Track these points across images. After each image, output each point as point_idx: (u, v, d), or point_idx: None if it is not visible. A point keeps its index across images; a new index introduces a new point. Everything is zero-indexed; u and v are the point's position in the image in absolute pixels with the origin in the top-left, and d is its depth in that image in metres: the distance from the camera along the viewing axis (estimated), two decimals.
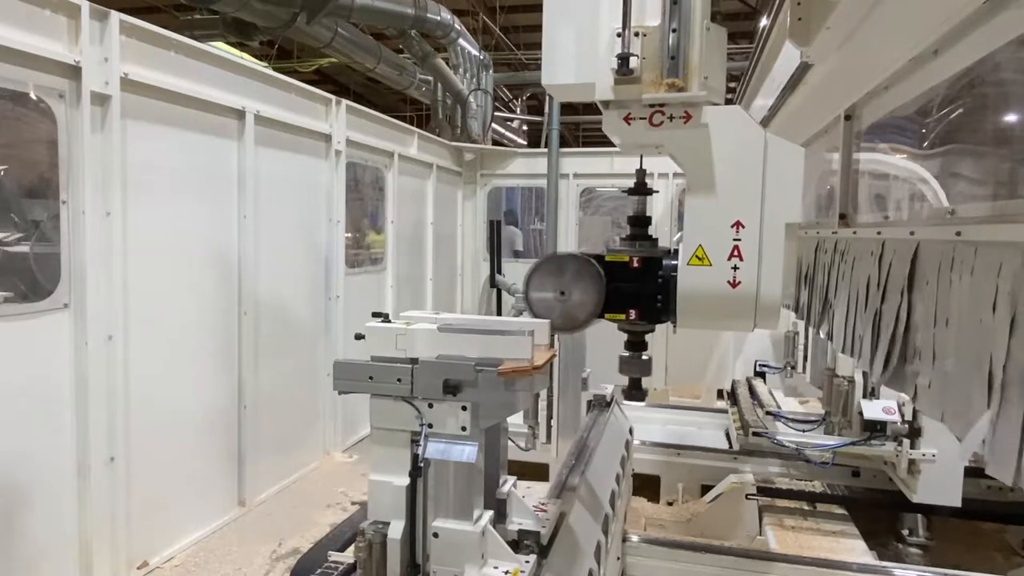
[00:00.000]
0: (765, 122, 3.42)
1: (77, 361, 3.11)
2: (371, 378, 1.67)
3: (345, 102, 5.31)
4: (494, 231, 7.86)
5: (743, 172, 1.64)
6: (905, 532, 3.65)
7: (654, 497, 4.40)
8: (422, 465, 1.58)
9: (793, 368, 5.38)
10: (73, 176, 3.07)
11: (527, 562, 1.67)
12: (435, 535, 1.62)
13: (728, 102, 1.77)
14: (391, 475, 1.66)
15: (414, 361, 1.64)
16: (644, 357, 2.03)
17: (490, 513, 1.70)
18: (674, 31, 1.57)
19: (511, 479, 1.89)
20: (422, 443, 1.58)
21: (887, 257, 1.90)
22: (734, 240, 1.62)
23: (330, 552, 1.82)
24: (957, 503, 3.30)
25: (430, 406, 1.62)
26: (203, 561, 3.65)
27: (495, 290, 7.94)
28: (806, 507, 3.68)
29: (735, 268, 1.63)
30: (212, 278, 4.02)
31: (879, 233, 2.02)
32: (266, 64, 6.50)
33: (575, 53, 1.74)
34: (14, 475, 2.87)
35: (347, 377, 1.69)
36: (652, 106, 1.66)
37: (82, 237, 3.09)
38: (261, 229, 4.35)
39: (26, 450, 2.92)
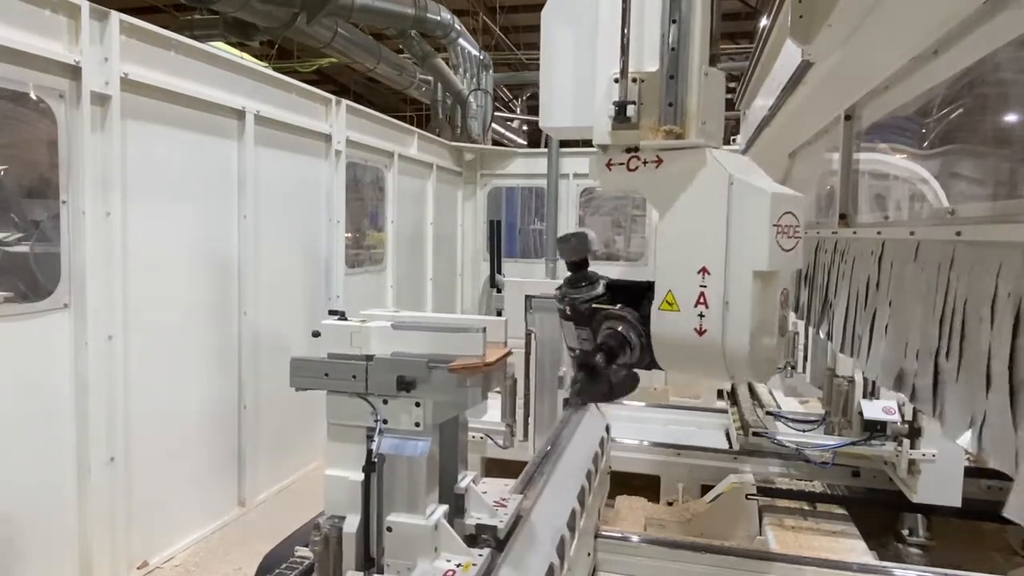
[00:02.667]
0: (765, 122, 3.42)
1: (77, 361, 3.11)
2: (327, 375, 1.69)
3: (345, 102, 5.31)
4: (494, 231, 7.86)
5: (707, 217, 1.58)
6: (905, 532, 3.65)
7: (654, 497, 4.40)
8: (376, 460, 1.60)
9: (793, 368, 5.38)
10: (73, 176, 3.07)
11: (480, 555, 1.70)
12: (389, 529, 1.65)
13: (728, 102, 1.77)
14: (346, 470, 1.69)
15: (369, 358, 1.66)
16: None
17: (444, 507, 1.74)
18: (672, 78, 1.56)
19: (471, 474, 1.92)
20: (376, 439, 1.60)
21: (887, 257, 1.90)
22: (700, 286, 1.57)
23: (296, 547, 1.85)
24: (957, 503, 3.30)
25: (384, 402, 1.65)
26: (203, 561, 3.65)
27: (495, 290, 7.94)
28: (806, 507, 3.68)
29: (701, 316, 1.57)
30: (212, 278, 4.02)
31: (879, 233, 2.02)
32: (266, 64, 6.51)
33: (572, 98, 1.75)
34: (14, 475, 2.87)
35: (303, 374, 1.72)
36: (628, 151, 1.66)
37: (82, 237, 3.09)
38: (261, 229, 4.35)
39: (26, 450, 2.92)
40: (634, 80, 1.60)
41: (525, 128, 12.65)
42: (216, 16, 5.83)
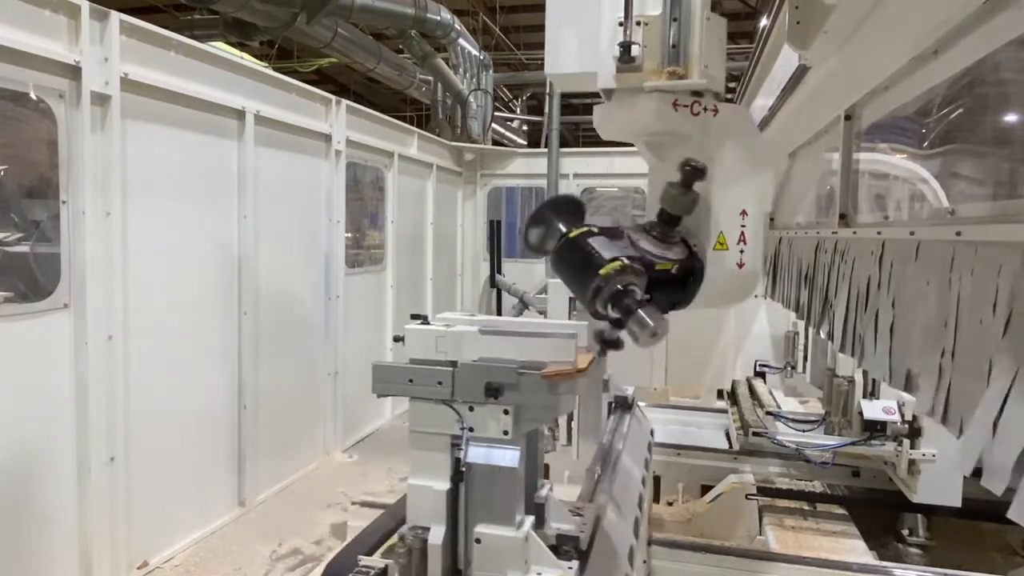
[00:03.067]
0: (765, 122, 3.42)
1: (77, 361, 3.11)
2: (411, 381, 1.63)
3: (345, 102, 5.31)
4: (494, 231, 7.86)
5: (747, 167, 1.78)
6: (905, 532, 3.65)
7: (654, 497, 4.40)
8: (463, 469, 1.55)
9: (793, 368, 5.39)
10: (73, 176, 3.07)
11: (570, 568, 1.65)
12: (478, 541, 1.57)
13: (729, 102, 1.80)
14: (430, 479, 1.60)
15: (454, 364, 1.61)
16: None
17: (531, 518, 1.66)
18: (675, 20, 1.63)
19: (547, 483, 1.86)
20: (463, 447, 1.55)
21: (887, 257, 1.90)
22: (741, 227, 1.78)
23: (359, 557, 1.79)
24: (957, 503, 3.30)
25: (471, 409, 1.58)
26: (203, 561, 3.65)
27: (495, 290, 7.94)
28: (806, 507, 3.68)
29: (741, 251, 1.79)
30: (212, 278, 4.02)
31: (879, 233, 2.02)
32: (266, 64, 6.51)
33: (577, 43, 1.81)
34: (14, 475, 2.87)
35: (386, 380, 1.65)
36: (694, 94, 1.74)
37: (82, 237, 3.09)
38: (261, 229, 4.35)
39: (26, 450, 2.92)
40: (638, 23, 1.67)
41: (525, 128, 12.65)
42: (216, 16, 5.83)
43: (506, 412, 1.56)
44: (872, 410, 3.54)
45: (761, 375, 5.76)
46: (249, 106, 4.20)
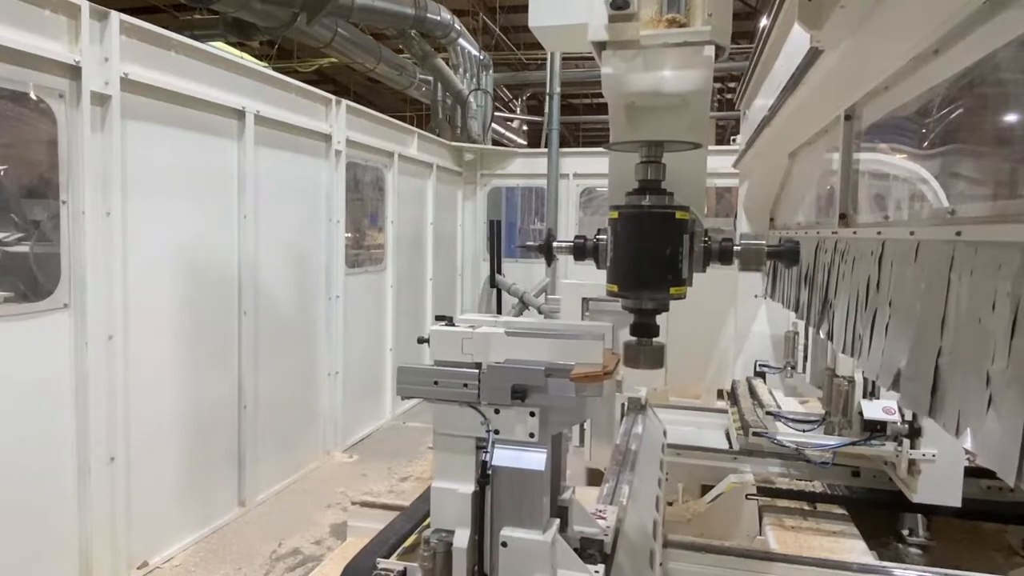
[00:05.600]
0: (765, 122, 3.42)
1: (77, 361, 3.11)
2: (436, 383, 1.61)
3: (345, 102, 5.31)
4: (494, 231, 7.86)
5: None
6: (905, 532, 3.65)
7: None
8: (489, 472, 1.54)
9: (793, 368, 5.38)
10: (73, 176, 3.07)
11: (596, 572, 1.64)
12: (504, 544, 1.55)
13: (729, 102, 1.77)
14: (455, 482, 1.57)
15: (479, 365, 1.59)
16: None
17: (557, 521, 1.63)
18: None
19: (571, 486, 1.84)
20: (489, 450, 1.53)
21: (887, 257, 1.90)
22: None
23: (378, 560, 1.77)
24: (957, 503, 3.30)
25: (496, 412, 1.56)
26: (203, 561, 3.65)
27: (495, 290, 7.94)
28: (806, 507, 3.68)
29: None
30: (212, 278, 4.02)
31: (879, 233, 2.02)
32: (266, 64, 6.50)
33: None
34: (14, 475, 2.87)
35: (411, 382, 1.62)
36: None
37: (82, 237, 3.09)
38: (261, 229, 4.35)
39: (26, 450, 2.92)
40: None
41: (525, 128, 12.65)
42: (216, 16, 5.84)
43: (532, 414, 1.53)
44: (872, 410, 3.54)
45: (761, 375, 5.75)
46: (249, 106, 4.20)
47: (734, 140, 7.74)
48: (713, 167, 2.20)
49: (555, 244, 1.86)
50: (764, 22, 3.01)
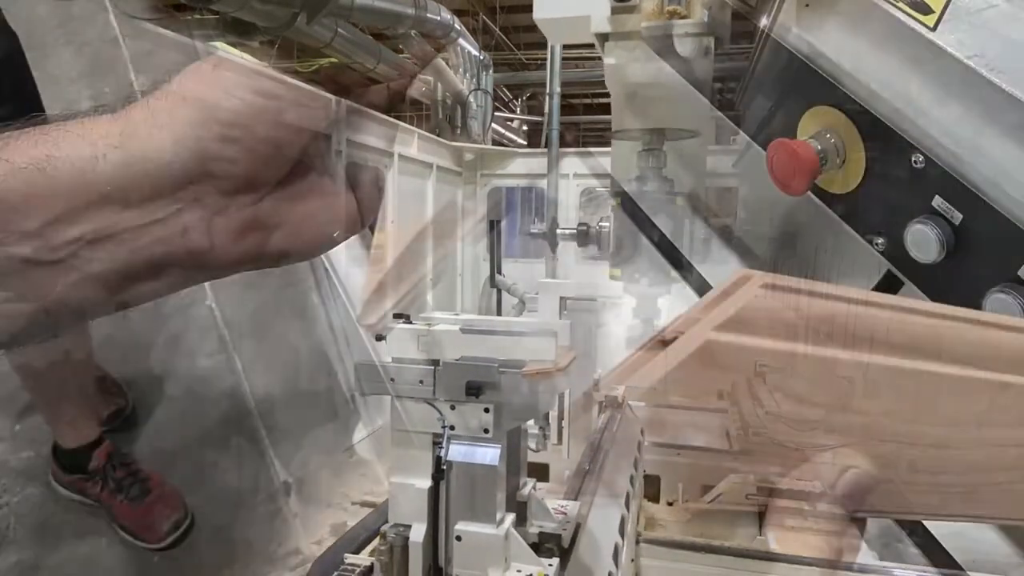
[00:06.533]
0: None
1: None
2: (392, 380, 1.62)
3: (345, 102, 5.31)
4: (494, 231, 7.87)
5: None
6: (906, 532, 3.66)
7: (654, 497, 4.41)
8: (445, 467, 1.55)
9: None
10: None
11: (550, 565, 1.64)
12: (458, 538, 1.57)
13: (728, 102, 1.76)
14: (412, 477, 1.61)
15: (436, 362, 1.60)
16: None
17: (512, 515, 1.66)
18: None
19: (531, 481, 1.85)
20: (444, 445, 1.54)
21: None
22: None
23: (345, 555, 1.78)
24: None
25: (452, 408, 1.58)
26: None
27: (495, 290, 7.95)
28: (806, 507, 3.69)
29: None
30: None
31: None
32: (266, 64, 6.51)
33: None
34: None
35: (368, 379, 1.64)
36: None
37: None
38: None
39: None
40: None
41: (525, 128, 12.66)
42: (216, 16, 5.84)
43: (487, 410, 1.56)
44: None
45: (761, 375, 5.77)
46: None
47: (734, 140, 7.76)
48: (713, 167, 2.19)
49: (559, 231, 1.92)
50: (764, 22, 3.01)
